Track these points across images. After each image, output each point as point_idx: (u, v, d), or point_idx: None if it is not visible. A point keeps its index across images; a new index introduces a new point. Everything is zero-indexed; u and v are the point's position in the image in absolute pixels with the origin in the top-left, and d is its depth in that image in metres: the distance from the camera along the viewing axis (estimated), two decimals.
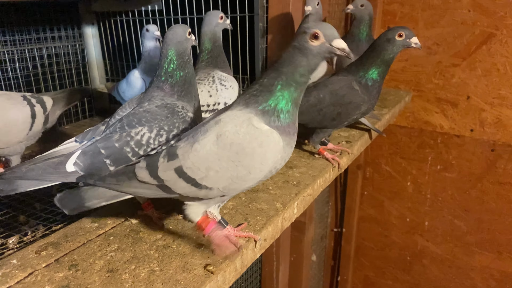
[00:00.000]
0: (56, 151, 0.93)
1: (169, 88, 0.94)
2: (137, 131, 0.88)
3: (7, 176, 0.83)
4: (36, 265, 0.81)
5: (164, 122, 0.89)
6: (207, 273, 0.78)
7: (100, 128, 0.94)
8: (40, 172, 0.84)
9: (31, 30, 1.84)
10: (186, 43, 0.98)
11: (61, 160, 0.85)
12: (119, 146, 0.86)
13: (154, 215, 0.96)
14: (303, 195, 1.10)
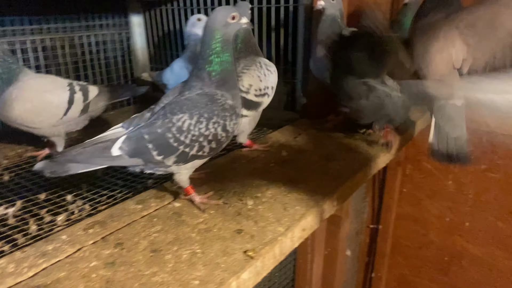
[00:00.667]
0: (104, 135, 0.96)
1: (208, 77, 0.94)
2: (178, 118, 0.90)
3: (59, 158, 0.87)
4: (84, 242, 0.85)
5: (204, 109, 0.91)
6: (246, 258, 0.79)
7: (146, 115, 0.97)
8: (88, 155, 0.88)
9: (80, 17, 1.91)
10: (227, 29, 0.94)
11: (108, 144, 0.89)
12: (161, 132, 0.89)
13: (196, 199, 0.98)
14: (343, 187, 1.09)
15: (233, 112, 0.94)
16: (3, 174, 1.34)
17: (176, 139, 0.89)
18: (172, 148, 0.90)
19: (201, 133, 0.90)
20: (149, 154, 0.89)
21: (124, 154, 0.89)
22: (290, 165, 1.20)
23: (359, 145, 1.35)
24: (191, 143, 0.90)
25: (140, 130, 0.91)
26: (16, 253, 0.82)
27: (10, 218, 1.07)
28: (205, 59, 0.94)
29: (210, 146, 0.92)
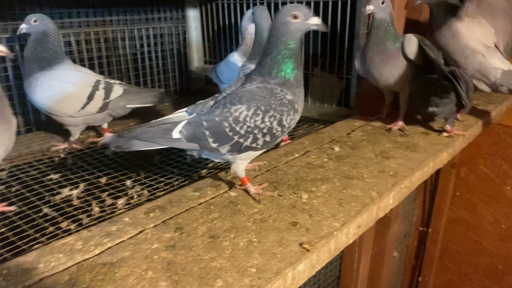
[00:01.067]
0: (169, 117, 1.01)
1: (267, 75, 0.94)
2: (236, 108, 0.92)
3: (125, 134, 0.93)
4: (145, 225, 0.88)
5: (261, 102, 0.91)
6: (302, 250, 0.79)
7: (209, 103, 1.00)
8: (151, 135, 0.92)
9: (140, 10, 1.97)
10: (288, 29, 0.91)
11: (169, 127, 0.93)
12: (218, 120, 0.92)
13: (251, 190, 0.99)
14: (400, 186, 1.06)
15: (291, 107, 0.94)
16: (67, 158, 1.42)
17: (232, 129, 0.91)
18: (227, 137, 0.92)
19: (256, 125, 0.91)
20: (205, 141, 0.92)
21: (183, 137, 0.92)
22: (344, 161, 1.19)
23: (417, 144, 1.31)
24: (246, 134, 0.92)
25: (200, 116, 0.94)
26: (83, 231, 0.86)
27: (75, 199, 1.13)
28: (268, 59, 0.94)
29: (264, 139, 0.93)
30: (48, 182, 1.24)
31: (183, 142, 0.92)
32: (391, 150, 1.27)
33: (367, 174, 1.11)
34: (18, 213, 1.06)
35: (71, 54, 1.74)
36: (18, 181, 1.24)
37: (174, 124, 0.93)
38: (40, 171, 1.32)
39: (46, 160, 1.41)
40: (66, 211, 1.07)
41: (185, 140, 0.92)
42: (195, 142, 0.93)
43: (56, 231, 0.97)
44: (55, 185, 1.22)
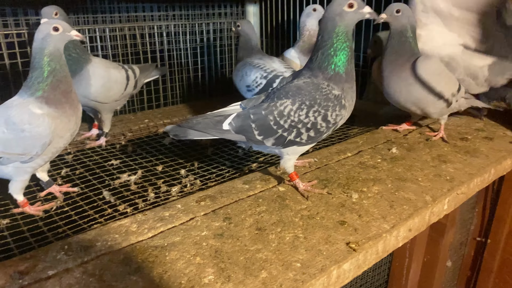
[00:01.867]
0: (224, 110, 1.04)
1: (317, 69, 0.94)
2: (282, 102, 0.93)
3: (183, 125, 0.98)
4: (196, 212, 0.91)
5: (306, 96, 0.92)
6: (349, 249, 0.79)
7: (262, 98, 1.02)
8: (204, 126, 0.97)
9: (202, 6, 2.03)
10: (342, 19, 0.91)
11: (221, 119, 0.97)
12: (264, 114, 0.94)
13: (300, 186, 1.00)
14: (456, 192, 1.02)
15: (337, 102, 0.92)
16: (127, 145, 1.50)
17: (276, 122, 0.93)
18: (272, 130, 0.93)
19: (300, 119, 0.92)
20: (251, 133, 0.95)
21: (231, 129, 0.95)
22: (399, 163, 1.16)
23: (478, 149, 1.25)
24: (290, 128, 0.93)
25: (249, 110, 0.96)
26: (138, 215, 0.91)
27: (132, 185, 1.19)
28: (322, 53, 0.93)
29: (308, 134, 0.93)
30: (109, 167, 1.31)
31: (232, 133, 0.96)
32: (449, 154, 1.22)
33: (422, 177, 1.08)
34: (80, 194, 1.14)
35: (135, 47, 1.83)
36: (82, 165, 1.33)
37: (225, 116, 0.97)
38: (102, 156, 1.40)
39: (108, 146, 1.49)
40: (124, 195, 1.13)
41: (233, 131, 0.95)
42: (242, 134, 0.96)
43: (114, 213, 1.03)
44: (115, 170, 1.29)
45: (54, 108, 0.95)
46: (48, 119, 0.93)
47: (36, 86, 0.94)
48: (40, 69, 0.94)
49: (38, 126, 0.92)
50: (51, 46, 0.95)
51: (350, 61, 0.95)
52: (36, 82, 0.94)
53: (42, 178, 1.12)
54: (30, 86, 0.95)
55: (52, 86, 0.95)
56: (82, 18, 1.68)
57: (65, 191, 1.14)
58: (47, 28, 0.95)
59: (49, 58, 0.95)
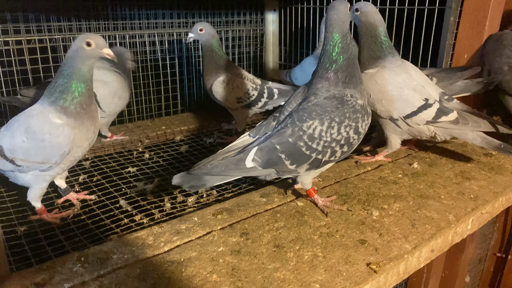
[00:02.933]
0: (234, 145, 0.98)
1: (334, 76, 0.91)
2: (308, 125, 0.89)
3: (196, 172, 0.91)
4: (213, 226, 0.90)
5: (334, 113, 0.88)
6: (369, 270, 0.76)
7: (272, 124, 0.97)
8: (223, 168, 0.90)
9: (222, 13, 2.02)
10: (348, 21, 0.92)
11: (241, 157, 0.90)
12: (292, 141, 0.89)
13: (319, 202, 0.97)
14: (480, 211, 0.99)
15: (364, 112, 0.91)
16: (144, 152, 1.50)
17: (308, 147, 0.88)
18: (305, 156, 0.89)
19: (333, 138, 0.89)
20: (283, 164, 0.90)
21: (258, 165, 0.89)
22: (420, 179, 1.13)
23: (502, 166, 1.21)
24: (324, 150, 0.89)
25: (271, 140, 0.90)
26: (154, 227, 0.90)
27: (148, 194, 1.19)
28: (331, 57, 0.91)
29: (342, 150, 0.91)
30: (126, 174, 1.31)
31: (259, 169, 0.90)
32: (473, 170, 1.19)
33: (445, 195, 1.05)
34: (97, 202, 1.14)
35: (154, 53, 1.83)
36: (99, 171, 1.33)
37: (244, 153, 0.91)
38: (119, 163, 1.40)
39: (125, 153, 1.50)
40: (140, 205, 1.12)
41: (260, 167, 0.89)
42: (272, 167, 0.90)
43: (130, 223, 1.02)
44: (132, 177, 1.29)
45: (74, 118, 0.95)
46: (68, 129, 0.93)
47: (58, 95, 0.94)
48: (66, 79, 0.94)
49: (58, 136, 0.92)
50: (81, 59, 0.95)
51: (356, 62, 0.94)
52: (59, 90, 0.94)
53: (60, 185, 1.13)
54: (52, 93, 0.95)
55: (73, 97, 0.95)
56: (103, 25, 1.69)
57: (82, 198, 1.15)
58: (81, 41, 0.95)
59: (78, 70, 0.95)
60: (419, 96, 1.15)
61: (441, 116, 1.14)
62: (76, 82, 0.94)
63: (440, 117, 1.14)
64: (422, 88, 1.16)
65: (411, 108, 1.15)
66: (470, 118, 1.13)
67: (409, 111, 1.15)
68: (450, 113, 1.14)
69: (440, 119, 1.14)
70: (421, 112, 1.14)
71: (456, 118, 1.14)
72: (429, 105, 1.14)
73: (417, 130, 1.19)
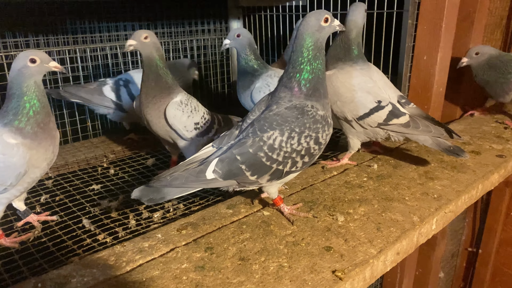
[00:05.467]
0: (196, 156, 0.96)
1: (297, 86, 0.90)
2: (269, 135, 0.87)
3: (155, 184, 0.88)
4: (177, 242, 0.88)
5: (294, 123, 0.88)
6: (335, 278, 0.76)
7: (234, 133, 0.95)
8: (183, 180, 0.88)
9: (185, 23, 2.01)
10: (320, 33, 0.89)
11: (201, 168, 0.89)
12: (253, 152, 0.87)
13: (285, 210, 0.97)
14: (444, 211, 1.00)
15: (325, 122, 0.90)
16: (109, 168, 1.46)
17: (268, 158, 0.87)
18: (266, 167, 0.88)
19: (293, 149, 0.88)
20: (243, 175, 0.88)
21: (218, 176, 0.88)
22: (385, 181, 1.14)
23: (464, 164, 1.23)
24: (284, 160, 0.88)
25: (231, 151, 0.89)
26: (116, 246, 0.88)
27: (113, 212, 1.15)
28: (296, 67, 0.90)
29: (303, 161, 0.90)
30: (89, 192, 1.27)
31: (219, 181, 0.88)
32: (436, 170, 1.21)
33: (409, 196, 1.06)
34: (59, 223, 1.10)
35: (117, 66, 1.80)
36: (62, 190, 1.29)
37: (205, 164, 0.89)
38: (83, 181, 1.36)
39: (89, 169, 1.46)
40: (104, 223, 1.09)
41: (221, 179, 0.88)
42: (233, 178, 0.89)
43: (93, 243, 0.99)
44: (96, 195, 1.25)
45: (30, 139, 0.91)
46: (23, 149, 0.90)
47: (11, 117, 0.91)
48: (17, 100, 0.91)
49: (12, 156, 0.89)
50: (27, 78, 0.91)
51: (325, 77, 0.93)
52: (12, 112, 0.91)
53: (19, 207, 1.09)
54: (5, 115, 0.91)
55: (29, 117, 0.91)
56: (62, 39, 1.65)
57: (43, 220, 1.11)
58: (24, 59, 0.91)
59: (27, 89, 0.91)
60: (372, 98, 1.16)
61: (392, 119, 1.16)
62: (29, 102, 0.91)
63: (391, 119, 1.16)
64: (378, 90, 1.18)
65: (364, 109, 1.17)
66: (422, 123, 1.15)
67: (361, 113, 1.17)
68: (401, 116, 1.16)
69: (391, 121, 1.16)
70: (373, 114, 1.16)
71: (407, 122, 1.15)
72: (381, 107, 1.16)
73: (371, 131, 1.21)
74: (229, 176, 0.88)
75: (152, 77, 1.22)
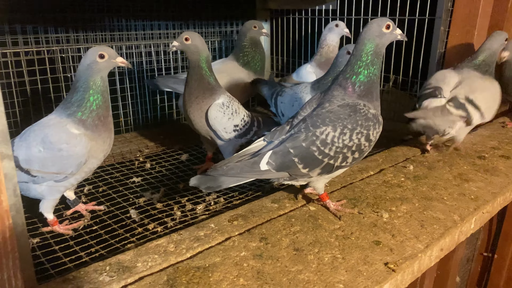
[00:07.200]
0: (249, 149, 1.01)
1: (351, 87, 0.95)
2: (321, 131, 0.92)
3: (212, 173, 0.93)
4: (231, 232, 0.92)
5: (347, 120, 0.92)
6: (388, 269, 0.80)
7: (285, 128, 0.99)
8: (238, 170, 0.93)
9: (215, 24, 2.05)
10: (380, 39, 0.94)
11: (255, 160, 0.93)
12: (306, 146, 0.92)
13: (331, 206, 1.01)
14: (482, 211, 1.04)
15: (376, 120, 0.95)
16: (145, 162, 1.50)
17: (321, 152, 0.92)
18: (317, 160, 0.92)
19: (345, 144, 0.92)
20: (296, 168, 0.93)
21: (272, 168, 0.92)
22: (422, 181, 1.18)
23: (496, 167, 1.27)
24: (335, 155, 0.92)
25: (285, 144, 0.93)
26: (173, 234, 0.91)
27: (156, 203, 1.20)
28: (353, 68, 0.95)
29: (353, 156, 0.94)
30: (131, 184, 1.31)
31: (272, 172, 0.93)
32: (470, 172, 1.24)
33: (447, 196, 1.10)
34: (106, 212, 1.14)
35: (150, 64, 1.84)
36: (104, 182, 1.33)
37: (259, 156, 0.93)
38: (123, 173, 1.40)
39: (127, 163, 1.50)
40: (151, 214, 1.13)
41: (274, 170, 0.92)
42: (285, 170, 0.93)
43: (145, 232, 1.03)
44: (137, 187, 1.29)
45: (91, 130, 0.96)
46: (85, 139, 0.94)
47: (75, 108, 0.95)
48: (83, 93, 0.96)
49: (75, 145, 0.93)
50: (95, 73, 0.97)
51: (379, 81, 0.98)
52: (76, 104, 0.95)
53: (69, 196, 1.13)
54: (69, 107, 0.96)
55: (91, 110, 0.96)
56: (100, 36, 1.69)
57: (91, 209, 1.15)
58: (93, 55, 0.96)
59: (93, 83, 0.96)
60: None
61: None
62: (93, 95, 0.96)
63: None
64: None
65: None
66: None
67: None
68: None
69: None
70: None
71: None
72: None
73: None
74: (282, 168, 0.92)
75: (195, 78, 1.25)
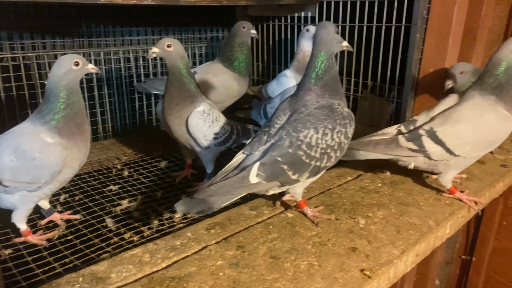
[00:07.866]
0: (230, 164, 0.98)
1: (320, 89, 0.97)
2: (305, 134, 0.93)
3: (201, 196, 0.87)
4: (207, 241, 0.92)
5: (327, 121, 0.94)
6: (364, 276, 0.80)
7: (263, 138, 0.98)
8: (228, 188, 0.90)
9: (194, 30, 2.05)
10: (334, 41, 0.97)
11: (244, 174, 0.91)
12: (292, 152, 0.92)
13: (308, 212, 1.01)
14: (457, 216, 1.06)
15: (351, 118, 0.98)
16: (123, 169, 1.48)
17: (308, 155, 0.92)
18: (306, 164, 0.93)
19: (328, 144, 0.94)
20: (286, 175, 0.92)
21: (262, 179, 0.91)
22: (399, 187, 1.19)
23: (471, 172, 1.29)
24: (321, 156, 0.93)
25: (270, 153, 0.92)
26: (148, 244, 0.90)
27: (134, 212, 1.18)
28: (317, 72, 0.98)
29: (336, 155, 0.96)
30: (108, 192, 1.30)
31: (263, 184, 0.91)
32: None
33: (423, 201, 1.11)
34: (82, 221, 1.12)
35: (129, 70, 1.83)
36: (80, 190, 1.31)
37: (247, 169, 0.92)
38: (100, 181, 1.38)
39: (104, 170, 1.48)
40: (128, 223, 1.12)
41: (264, 181, 0.91)
42: (275, 179, 0.92)
43: (121, 241, 1.02)
44: (114, 196, 1.28)
45: (66, 138, 0.94)
46: (60, 148, 0.93)
47: (50, 116, 0.94)
48: (57, 101, 0.94)
49: (49, 155, 0.92)
50: (70, 80, 0.95)
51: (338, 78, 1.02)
52: (52, 112, 0.94)
53: (43, 205, 1.11)
54: (44, 115, 0.94)
55: (67, 118, 0.95)
56: (77, 42, 1.67)
57: (66, 218, 1.13)
58: (68, 63, 0.95)
59: (68, 91, 0.95)
60: None
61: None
62: (68, 102, 0.94)
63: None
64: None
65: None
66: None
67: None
68: None
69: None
70: None
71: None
72: None
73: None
74: (272, 178, 0.92)
75: (176, 85, 1.22)
